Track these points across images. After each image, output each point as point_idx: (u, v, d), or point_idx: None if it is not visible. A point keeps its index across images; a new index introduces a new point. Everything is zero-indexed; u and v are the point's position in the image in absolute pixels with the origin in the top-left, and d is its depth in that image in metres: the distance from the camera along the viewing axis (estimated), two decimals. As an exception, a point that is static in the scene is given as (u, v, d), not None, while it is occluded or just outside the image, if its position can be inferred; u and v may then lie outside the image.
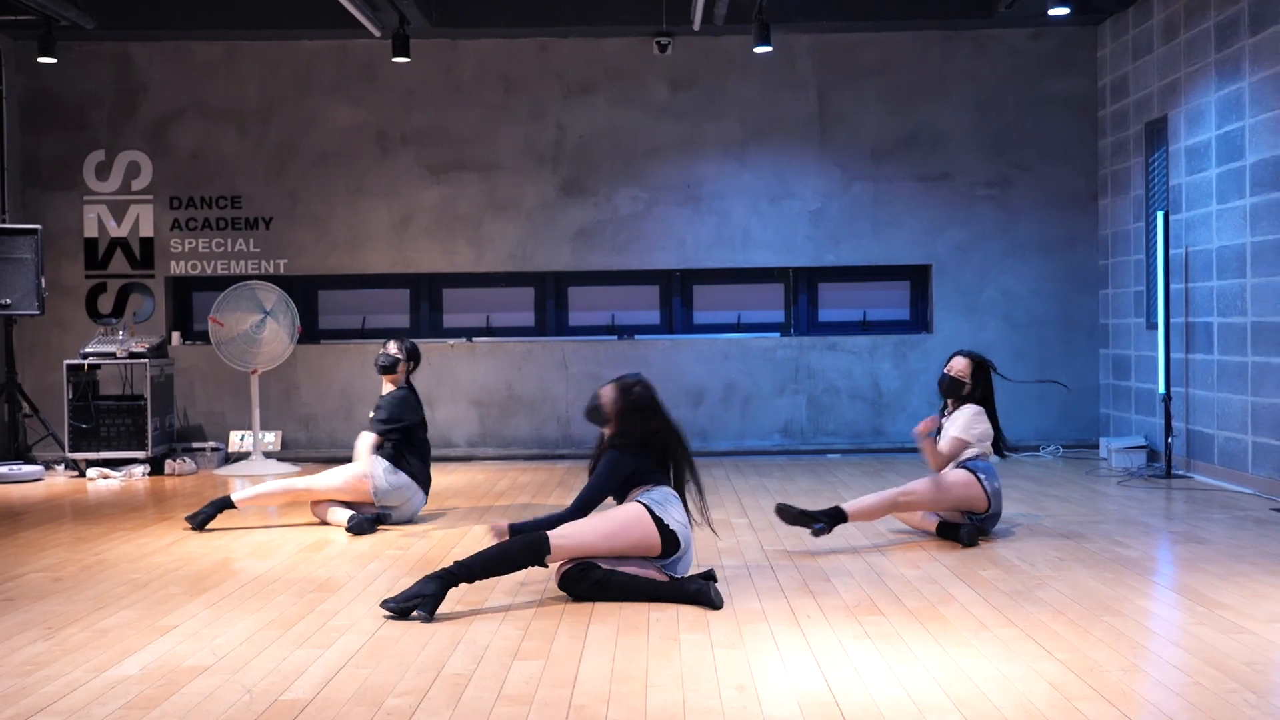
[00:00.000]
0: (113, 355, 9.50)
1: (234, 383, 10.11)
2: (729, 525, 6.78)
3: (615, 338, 10.56)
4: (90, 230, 10.35)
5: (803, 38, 10.28)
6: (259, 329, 9.56)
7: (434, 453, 10.20)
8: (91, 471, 9.25)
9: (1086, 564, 5.55)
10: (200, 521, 6.72)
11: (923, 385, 10.23)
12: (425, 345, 10.39)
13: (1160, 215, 8.63)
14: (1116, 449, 9.15)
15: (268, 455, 9.85)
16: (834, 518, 6.05)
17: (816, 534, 6.00)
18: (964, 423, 6.27)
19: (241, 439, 10.05)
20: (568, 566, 4.95)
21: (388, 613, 4.67)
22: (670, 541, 4.97)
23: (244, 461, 9.65)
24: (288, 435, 10.21)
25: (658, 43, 10.08)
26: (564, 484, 8.61)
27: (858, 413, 10.35)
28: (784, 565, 5.65)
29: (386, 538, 6.48)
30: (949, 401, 6.41)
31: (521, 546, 4.82)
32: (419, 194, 10.42)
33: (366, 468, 6.78)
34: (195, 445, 10.02)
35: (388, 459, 6.89)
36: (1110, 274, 10.02)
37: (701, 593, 4.83)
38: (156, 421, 9.57)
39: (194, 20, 9.92)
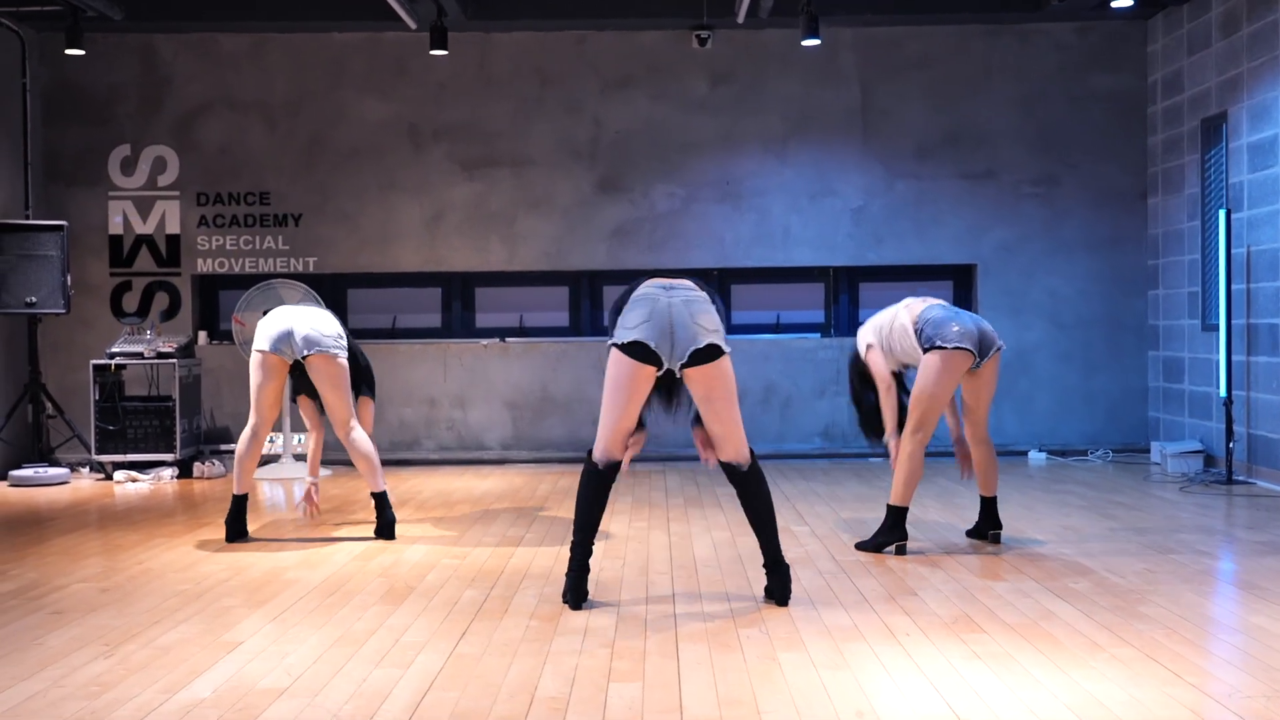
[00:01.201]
0: (140, 355, 9.26)
1: (262, 383, 9.83)
2: (790, 533, 6.54)
3: (651, 338, 10.30)
4: (115, 227, 10.10)
5: (845, 31, 10.04)
6: (281, 328, 9.29)
7: (467, 455, 10.13)
8: (119, 474, 9.00)
9: (1181, 577, 5.31)
10: (236, 532, 6.45)
11: (967, 387, 9.98)
12: (458, 345, 10.22)
13: (1222, 214, 8.39)
14: (1171, 454, 8.91)
15: (297, 457, 9.60)
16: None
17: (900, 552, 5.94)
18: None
19: (270, 441, 9.79)
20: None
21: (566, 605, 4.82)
22: (637, 350, 4.75)
23: (274, 464, 9.40)
24: (317, 437, 9.93)
25: (697, 36, 9.83)
26: (607, 488, 8.36)
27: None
28: (861, 576, 5.41)
29: (440, 547, 6.24)
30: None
31: (582, 476, 4.91)
32: (451, 190, 10.17)
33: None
34: (223, 447, 9.78)
35: None
36: (1161, 274, 9.78)
37: None
38: (184, 423, 9.33)
39: (222, 11, 9.67)
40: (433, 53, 9.32)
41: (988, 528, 6.19)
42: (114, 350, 9.26)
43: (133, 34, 9.97)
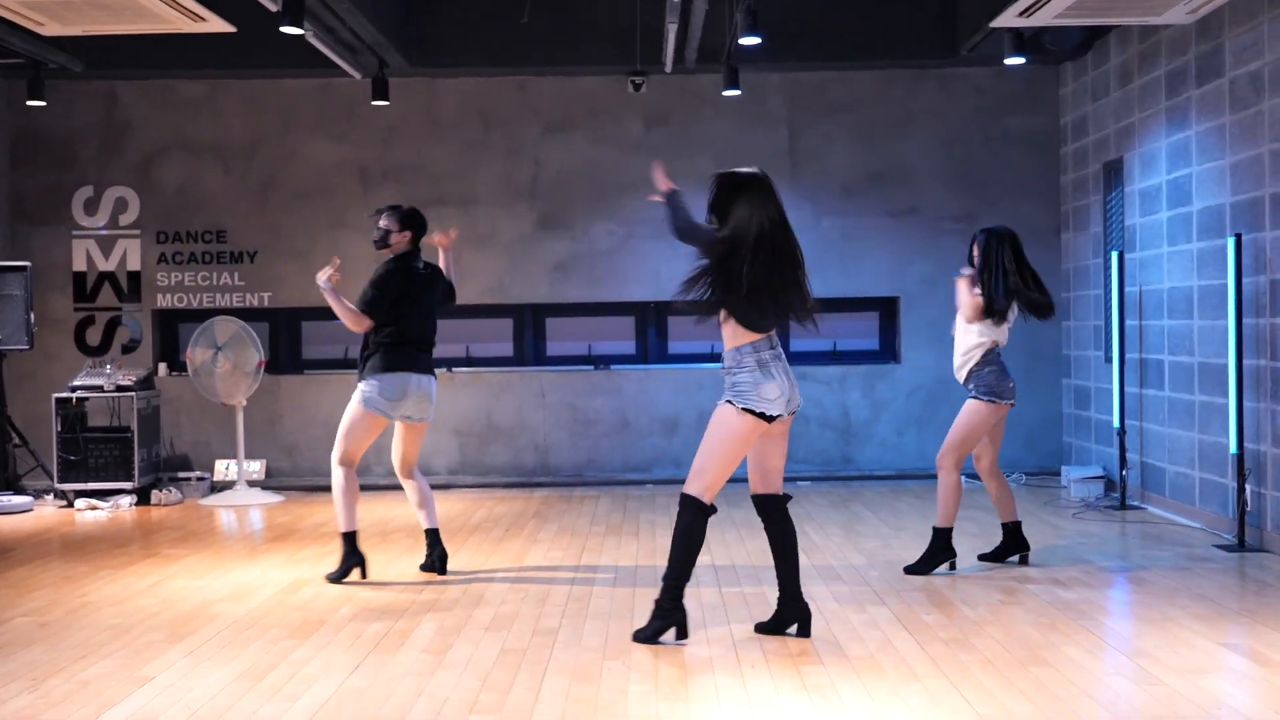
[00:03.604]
0: (100, 388, 9.75)
1: (218, 413, 10.36)
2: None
3: (592, 368, 10.83)
4: (79, 264, 10.60)
5: (773, 76, 10.56)
6: (214, 364, 9.86)
7: (414, 481, 10.61)
8: (80, 502, 9.49)
9: (1026, 608, 5.83)
10: (350, 568, 6.67)
11: (891, 414, 10.54)
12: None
13: (1115, 255, 8.91)
14: (1076, 479, 9.42)
15: (252, 484, 10.11)
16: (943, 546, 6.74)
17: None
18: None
19: (226, 468, 10.31)
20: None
21: (639, 644, 5.23)
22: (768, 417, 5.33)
23: (229, 491, 9.90)
24: (272, 464, 10.46)
25: (632, 82, 10.34)
26: (540, 515, 8.88)
27: (827, 441, 10.63)
28: (736, 607, 5.91)
29: (363, 579, 6.74)
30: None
31: (694, 523, 5.29)
32: (400, 228, 10.66)
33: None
34: (181, 475, 10.28)
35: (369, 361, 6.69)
36: (1072, 307, 10.31)
37: None
38: (143, 452, 9.82)
39: (179, 59, 10.15)
40: (375, 102, 9.81)
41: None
42: (76, 384, 9.76)
43: (94, 81, 10.46)
